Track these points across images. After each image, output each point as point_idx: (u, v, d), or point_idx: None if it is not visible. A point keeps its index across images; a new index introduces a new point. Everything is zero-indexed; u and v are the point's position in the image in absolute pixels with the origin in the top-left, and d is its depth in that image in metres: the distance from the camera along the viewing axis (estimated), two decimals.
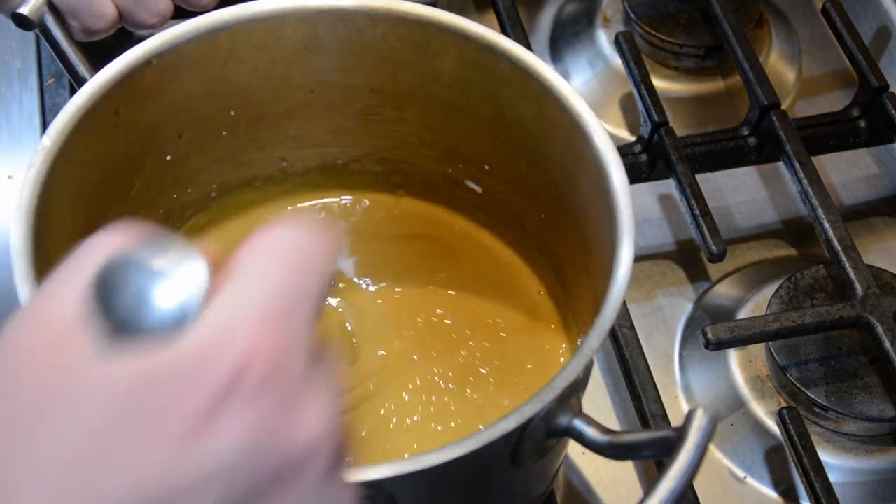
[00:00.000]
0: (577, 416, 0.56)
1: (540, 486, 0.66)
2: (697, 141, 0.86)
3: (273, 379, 0.36)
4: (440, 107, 0.70)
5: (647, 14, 0.93)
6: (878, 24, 0.96)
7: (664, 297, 0.83)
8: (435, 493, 0.57)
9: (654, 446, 0.54)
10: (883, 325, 0.74)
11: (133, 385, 0.35)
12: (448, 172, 0.74)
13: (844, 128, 0.88)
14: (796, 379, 0.74)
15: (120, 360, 0.35)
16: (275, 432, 0.35)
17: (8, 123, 0.89)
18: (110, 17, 0.70)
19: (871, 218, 0.89)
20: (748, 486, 0.75)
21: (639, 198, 0.87)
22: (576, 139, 0.63)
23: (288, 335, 0.37)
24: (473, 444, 0.51)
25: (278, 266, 0.38)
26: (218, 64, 0.67)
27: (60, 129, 0.60)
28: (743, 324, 0.74)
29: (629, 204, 0.60)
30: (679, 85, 0.94)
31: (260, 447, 0.35)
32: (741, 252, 0.86)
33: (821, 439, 0.75)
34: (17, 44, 0.93)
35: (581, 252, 0.67)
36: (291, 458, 0.36)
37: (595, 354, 0.56)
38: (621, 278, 0.57)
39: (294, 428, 0.36)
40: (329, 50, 0.68)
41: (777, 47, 0.96)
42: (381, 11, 0.67)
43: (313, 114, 0.72)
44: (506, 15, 0.91)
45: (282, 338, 0.36)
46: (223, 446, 0.34)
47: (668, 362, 0.80)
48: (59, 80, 0.91)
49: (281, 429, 0.36)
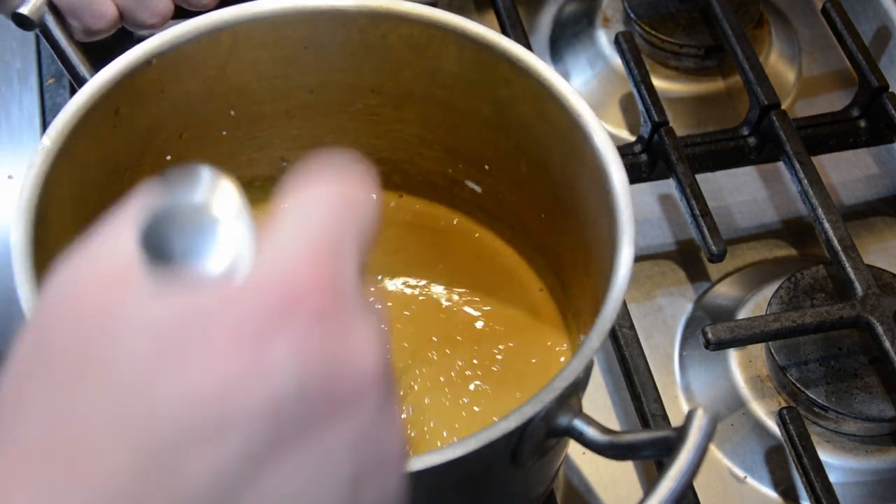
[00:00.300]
0: (577, 416, 0.56)
1: (540, 487, 0.66)
2: (697, 141, 0.86)
3: (326, 312, 0.36)
4: (440, 107, 0.70)
5: (647, 14, 0.93)
6: (878, 24, 0.96)
7: (664, 297, 0.83)
8: (435, 493, 0.57)
9: (654, 446, 0.54)
10: (883, 325, 0.74)
11: (189, 315, 0.35)
12: (448, 172, 0.74)
13: (844, 128, 0.88)
14: (796, 379, 0.74)
15: (175, 295, 0.35)
16: (328, 363, 0.36)
17: (8, 123, 0.89)
18: (110, 17, 0.70)
19: (871, 218, 0.89)
20: (748, 486, 0.75)
21: (639, 198, 0.87)
22: (576, 139, 0.63)
23: (338, 272, 0.37)
24: (473, 444, 0.51)
25: (324, 211, 0.39)
26: (218, 64, 0.67)
27: (60, 129, 0.60)
28: (743, 324, 0.74)
29: (629, 203, 0.60)
30: (679, 85, 0.94)
31: (314, 377, 0.35)
32: (741, 252, 0.86)
33: (821, 439, 0.75)
34: (17, 44, 0.93)
35: (581, 252, 0.67)
36: (344, 390, 0.36)
37: (595, 354, 0.56)
38: (622, 278, 0.57)
39: (347, 360, 0.36)
40: (329, 50, 0.68)
41: (777, 47, 0.96)
42: (381, 11, 0.67)
43: (313, 114, 0.72)
44: (506, 15, 0.91)
45: (333, 274, 0.37)
46: (278, 375, 0.35)
47: (668, 362, 0.80)
48: (59, 80, 0.91)
49: (334, 360, 0.36)
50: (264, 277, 0.36)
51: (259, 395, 0.34)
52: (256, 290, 0.36)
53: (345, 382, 0.36)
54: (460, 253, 0.74)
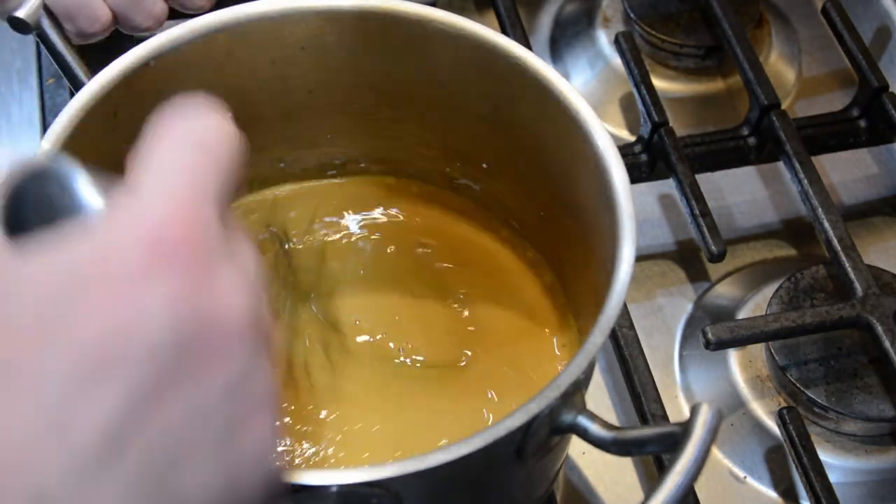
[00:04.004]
0: (581, 412, 0.56)
1: (542, 486, 0.66)
2: (697, 141, 0.86)
3: (193, 252, 0.37)
4: (439, 106, 0.70)
5: (647, 14, 0.93)
6: (878, 24, 0.96)
7: (664, 297, 0.83)
8: (441, 492, 0.58)
9: (659, 441, 0.54)
10: (883, 325, 0.74)
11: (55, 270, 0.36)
12: (446, 171, 0.74)
13: (844, 128, 0.88)
14: (796, 379, 0.74)
15: (39, 254, 0.36)
16: (197, 303, 0.36)
17: (8, 123, 0.89)
18: (105, 21, 0.70)
19: (871, 218, 0.89)
20: (748, 486, 0.75)
21: (639, 198, 0.87)
22: (576, 138, 0.63)
23: (199, 209, 0.38)
24: (479, 443, 0.51)
25: (184, 150, 0.39)
26: (216, 65, 0.67)
27: (60, 131, 0.60)
28: (743, 324, 0.74)
29: (630, 201, 0.60)
30: (679, 85, 0.94)
31: (183, 316, 0.36)
32: (741, 252, 0.86)
33: (821, 439, 0.75)
34: (17, 44, 0.93)
35: (581, 250, 0.67)
36: (217, 334, 0.37)
37: (597, 352, 0.56)
38: (623, 274, 0.57)
39: (217, 300, 0.37)
40: (327, 50, 0.68)
41: (777, 47, 0.96)
42: (380, 11, 0.67)
43: (311, 114, 0.72)
44: (506, 15, 0.91)
45: (195, 215, 0.37)
46: (147, 316, 0.35)
47: (668, 362, 0.80)
48: (59, 81, 0.91)
49: (204, 300, 0.36)
50: (131, 225, 0.36)
51: (136, 343, 0.35)
52: (125, 239, 0.36)
53: (216, 327, 0.37)
54: (459, 252, 0.74)
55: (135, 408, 0.35)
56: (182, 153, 0.39)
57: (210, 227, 0.38)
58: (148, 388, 0.35)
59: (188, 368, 0.36)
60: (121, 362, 0.35)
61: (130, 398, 0.35)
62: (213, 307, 0.37)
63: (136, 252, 0.36)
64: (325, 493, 0.51)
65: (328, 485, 0.50)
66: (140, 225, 0.37)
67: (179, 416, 0.36)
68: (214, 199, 0.39)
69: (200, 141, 0.40)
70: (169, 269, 0.36)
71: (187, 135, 0.40)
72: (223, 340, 0.37)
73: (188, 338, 0.36)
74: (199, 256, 0.37)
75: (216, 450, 0.37)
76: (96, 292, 0.35)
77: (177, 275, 0.36)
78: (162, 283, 0.36)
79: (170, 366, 0.36)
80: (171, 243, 0.36)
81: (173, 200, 0.37)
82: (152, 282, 0.36)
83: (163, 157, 0.39)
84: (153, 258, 0.36)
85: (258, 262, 0.41)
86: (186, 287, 0.36)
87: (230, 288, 0.38)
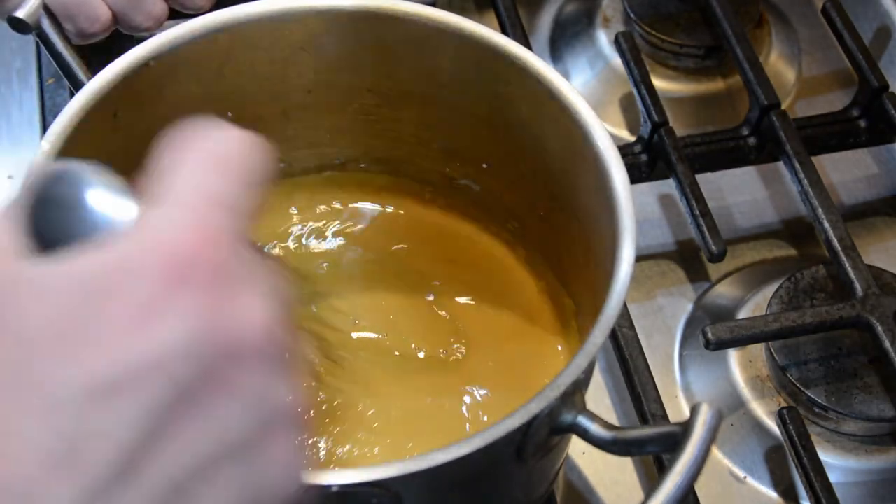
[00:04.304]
0: (581, 412, 0.56)
1: (541, 486, 0.66)
2: (697, 141, 0.86)
3: (214, 271, 0.36)
4: (438, 106, 0.70)
5: (647, 14, 0.93)
6: (878, 24, 0.96)
7: (664, 297, 0.83)
8: (441, 492, 0.58)
9: (659, 441, 0.54)
10: (883, 325, 0.73)
11: (75, 283, 0.35)
12: (446, 171, 0.74)
13: (844, 128, 0.88)
14: (796, 379, 0.74)
15: (59, 264, 0.36)
16: (217, 322, 0.36)
17: (8, 123, 0.89)
18: (104, 21, 0.70)
19: (871, 218, 0.89)
20: (748, 486, 0.75)
21: (639, 198, 0.87)
22: (576, 138, 0.63)
23: (223, 229, 0.37)
24: (479, 443, 0.51)
25: (208, 165, 0.39)
26: (215, 65, 0.67)
27: (59, 132, 0.60)
28: (743, 324, 0.74)
29: (630, 201, 0.60)
30: (679, 85, 0.94)
31: (203, 336, 0.35)
32: (741, 252, 0.86)
33: (821, 439, 0.75)
34: (17, 44, 0.93)
35: (581, 250, 0.67)
36: (233, 348, 0.36)
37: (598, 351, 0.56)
38: (623, 274, 0.57)
39: (236, 318, 0.36)
40: (326, 50, 0.68)
41: (777, 47, 0.96)
42: (379, 11, 0.67)
43: (311, 114, 0.72)
44: (506, 15, 0.91)
45: (220, 233, 0.37)
46: (167, 336, 0.35)
47: (668, 362, 0.80)
48: (59, 81, 0.91)
49: (223, 319, 0.36)
50: (151, 238, 0.36)
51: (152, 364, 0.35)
52: (143, 251, 0.36)
53: (235, 347, 0.36)
54: (459, 252, 0.74)
55: (151, 432, 0.35)
56: (205, 168, 0.39)
57: (231, 245, 0.37)
58: (164, 411, 0.35)
59: (205, 390, 0.36)
60: (137, 384, 0.35)
61: (146, 422, 0.35)
62: (232, 328, 0.36)
63: (157, 269, 0.36)
64: (325, 493, 0.51)
65: (328, 485, 0.50)
66: (162, 242, 0.36)
67: (197, 439, 0.36)
68: (237, 214, 0.38)
69: (224, 155, 0.39)
70: (188, 288, 0.36)
71: (210, 147, 0.39)
72: (241, 361, 0.37)
73: (206, 359, 0.36)
74: (219, 275, 0.36)
75: (236, 470, 0.37)
76: (115, 309, 0.35)
77: (196, 295, 0.36)
78: (181, 303, 0.35)
79: (186, 388, 0.35)
80: (192, 262, 0.36)
81: (195, 217, 0.37)
82: (171, 301, 0.35)
83: (185, 173, 0.38)
84: (174, 277, 0.36)
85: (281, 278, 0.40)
86: (205, 307, 0.36)
87: (250, 307, 0.37)
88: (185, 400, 0.35)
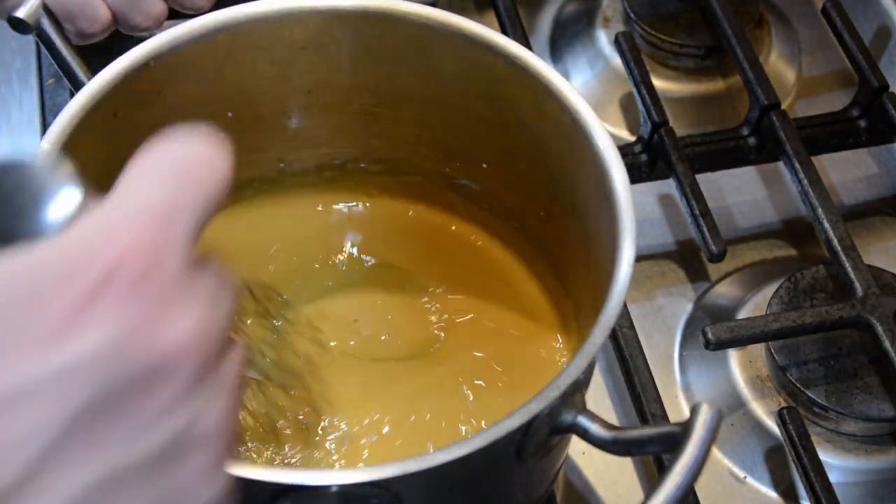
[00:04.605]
0: (581, 412, 0.56)
1: (541, 486, 0.66)
2: (697, 141, 0.86)
3: (143, 281, 0.36)
4: (438, 106, 0.70)
5: (647, 14, 0.93)
6: (878, 24, 0.96)
7: (664, 297, 0.83)
8: (441, 492, 0.58)
9: (659, 441, 0.54)
10: (883, 325, 0.74)
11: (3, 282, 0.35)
12: (446, 171, 0.74)
13: (844, 128, 0.88)
14: (796, 379, 0.74)
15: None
16: (140, 334, 0.35)
17: (8, 123, 0.89)
18: (104, 21, 0.70)
19: (871, 218, 0.89)
20: (748, 486, 0.75)
21: (639, 198, 0.87)
22: (576, 138, 0.63)
23: (163, 240, 0.37)
24: (479, 443, 0.51)
25: (158, 175, 0.38)
26: (215, 65, 0.67)
27: (59, 132, 0.60)
28: (743, 324, 0.74)
29: (630, 201, 0.60)
30: (679, 85, 0.94)
31: (122, 348, 0.35)
32: (741, 252, 0.86)
33: (821, 439, 0.75)
34: (17, 44, 0.93)
35: (581, 250, 0.67)
36: (154, 363, 0.36)
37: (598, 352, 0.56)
38: (623, 274, 0.57)
39: (161, 332, 0.36)
40: (327, 50, 0.68)
41: (777, 47, 0.96)
42: (379, 11, 0.67)
43: (311, 114, 0.72)
44: (506, 15, 0.91)
45: (156, 242, 0.36)
46: (82, 346, 0.34)
47: (668, 362, 0.80)
48: (59, 81, 0.91)
49: (147, 332, 0.36)
50: (82, 243, 0.36)
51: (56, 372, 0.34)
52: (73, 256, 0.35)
53: (154, 354, 0.36)
54: (458, 252, 0.74)
55: (55, 444, 0.34)
56: (159, 178, 0.38)
57: (172, 257, 0.37)
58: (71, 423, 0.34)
59: (118, 403, 0.35)
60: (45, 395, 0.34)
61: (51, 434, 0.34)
62: (153, 341, 0.36)
63: (82, 277, 0.35)
64: (325, 493, 0.51)
65: (328, 485, 0.50)
66: (93, 249, 0.36)
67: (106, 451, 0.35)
68: (185, 223, 0.38)
69: (181, 166, 0.39)
70: (111, 298, 0.35)
71: (168, 158, 0.39)
72: (159, 375, 0.36)
73: (120, 372, 0.35)
74: (147, 286, 0.36)
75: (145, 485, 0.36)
76: (35, 316, 0.34)
77: (120, 305, 0.35)
78: (101, 313, 0.35)
79: (96, 400, 0.35)
80: (119, 271, 0.35)
81: (131, 227, 0.36)
82: (92, 311, 0.35)
83: (137, 182, 0.38)
84: (97, 285, 0.35)
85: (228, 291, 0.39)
86: (127, 318, 0.35)
87: (179, 320, 0.36)
88: (94, 412, 0.35)
